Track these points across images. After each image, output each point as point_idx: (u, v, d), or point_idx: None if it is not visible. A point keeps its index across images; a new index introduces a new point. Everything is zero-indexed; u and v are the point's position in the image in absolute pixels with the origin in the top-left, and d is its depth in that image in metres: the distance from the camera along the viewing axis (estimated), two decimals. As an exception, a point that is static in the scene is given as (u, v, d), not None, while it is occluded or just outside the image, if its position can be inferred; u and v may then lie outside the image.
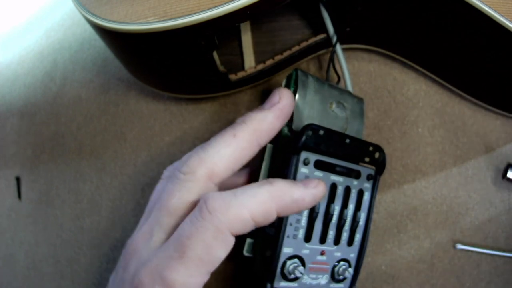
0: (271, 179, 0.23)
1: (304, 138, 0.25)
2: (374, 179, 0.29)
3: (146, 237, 0.23)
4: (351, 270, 0.28)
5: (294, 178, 0.25)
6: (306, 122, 0.28)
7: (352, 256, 0.28)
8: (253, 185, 0.23)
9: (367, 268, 0.34)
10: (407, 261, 0.33)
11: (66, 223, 0.40)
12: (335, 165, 0.27)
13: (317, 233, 0.27)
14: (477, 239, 0.33)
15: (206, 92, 0.36)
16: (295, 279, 0.26)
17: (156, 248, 0.22)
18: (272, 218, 0.22)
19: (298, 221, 0.26)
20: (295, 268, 0.25)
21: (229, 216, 0.21)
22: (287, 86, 0.29)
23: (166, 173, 0.27)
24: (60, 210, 0.41)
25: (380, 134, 0.35)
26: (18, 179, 0.44)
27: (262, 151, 0.28)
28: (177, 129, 0.38)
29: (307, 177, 0.26)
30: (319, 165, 0.26)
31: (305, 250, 0.26)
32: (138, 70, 0.34)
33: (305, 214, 0.26)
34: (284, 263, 0.25)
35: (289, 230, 0.25)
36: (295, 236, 0.26)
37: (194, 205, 0.22)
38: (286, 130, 0.28)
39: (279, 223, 0.25)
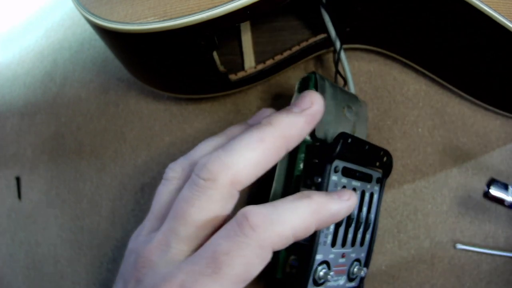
0: (307, 192, 0.22)
1: (339, 147, 0.25)
2: (381, 182, 0.30)
3: (162, 249, 0.21)
4: (365, 269, 0.29)
5: (327, 186, 0.25)
6: (325, 128, 0.28)
7: (363, 255, 0.29)
8: (291, 199, 0.22)
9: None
10: (407, 261, 0.33)
11: (66, 223, 0.40)
12: (356, 171, 0.28)
13: (340, 238, 0.27)
14: (477, 239, 0.33)
15: (206, 92, 0.36)
16: (323, 283, 0.26)
17: (178, 262, 0.20)
18: (310, 232, 0.22)
19: (328, 228, 0.26)
20: (325, 273, 0.26)
21: (272, 234, 0.20)
22: (304, 89, 0.29)
23: (170, 173, 0.25)
24: (60, 210, 0.41)
25: (380, 134, 0.35)
26: (18, 179, 0.44)
27: None
28: (177, 129, 0.38)
29: (336, 184, 0.26)
30: (345, 172, 0.27)
31: (331, 255, 0.26)
32: (138, 70, 0.34)
33: None
34: (315, 269, 0.25)
35: (321, 238, 0.26)
36: (325, 243, 0.26)
37: (217, 214, 0.21)
38: (307, 136, 0.28)
39: (314, 232, 0.25)
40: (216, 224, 0.21)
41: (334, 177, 0.26)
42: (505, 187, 0.28)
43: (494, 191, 0.28)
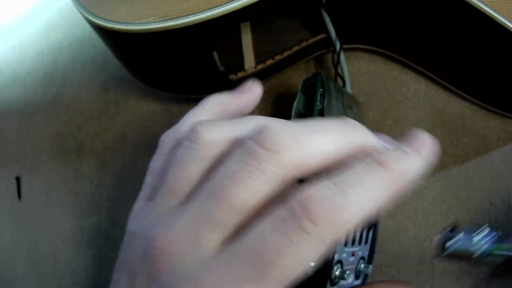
0: (379, 158, 0.16)
1: None
2: None
3: (188, 239, 0.15)
4: (371, 266, 0.29)
5: None
6: None
7: (367, 253, 0.30)
8: (361, 169, 0.16)
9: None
10: (407, 261, 0.33)
11: (66, 223, 0.40)
12: None
13: (351, 236, 0.27)
14: (477, 239, 0.33)
15: (206, 92, 0.36)
16: (337, 282, 0.26)
17: (208, 258, 0.15)
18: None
19: None
20: (341, 272, 0.26)
21: (338, 225, 0.15)
22: (310, 89, 0.29)
23: (207, 133, 0.18)
24: (60, 210, 0.41)
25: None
26: (18, 179, 0.44)
27: None
28: (177, 129, 0.38)
29: None
30: None
31: (344, 254, 0.27)
32: (138, 70, 0.34)
33: None
34: (332, 268, 0.26)
35: None
36: (340, 242, 0.26)
37: (269, 200, 0.16)
38: None
39: None
40: (265, 213, 0.16)
41: None
42: (469, 237, 0.23)
43: (454, 249, 0.23)
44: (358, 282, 0.29)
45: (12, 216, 0.44)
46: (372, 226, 0.29)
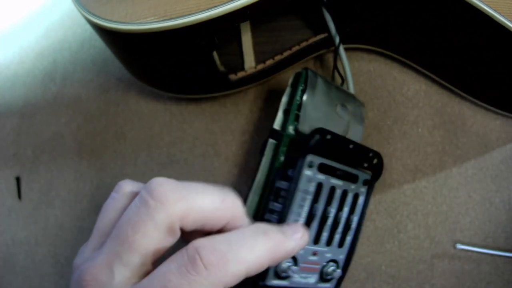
0: (263, 227, 0.22)
1: (313, 141, 0.25)
2: (369, 184, 0.29)
3: (106, 272, 0.19)
4: (339, 271, 0.28)
5: (298, 180, 0.25)
6: (312, 124, 0.28)
7: (341, 257, 0.29)
8: (247, 233, 0.21)
9: (367, 268, 0.34)
10: (407, 261, 0.33)
11: (66, 223, 0.40)
12: (336, 169, 0.27)
13: (312, 234, 0.27)
14: (477, 239, 0.33)
15: (206, 92, 0.36)
16: (287, 277, 0.26)
17: None
18: (263, 269, 0.21)
19: (296, 221, 0.26)
20: (288, 267, 0.25)
21: (227, 273, 0.19)
22: (295, 84, 0.29)
23: (125, 187, 0.23)
24: (60, 210, 0.41)
25: (380, 134, 0.35)
26: (18, 179, 0.44)
27: (263, 146, 0.29)
28: (177, 129, 0.38)
29: (310, 179, 0.26)
30: (322, 168, 0.27)
31: (301, 251, 0.26)
32: (138, 70, 0.34)
33: (304, 215, 0.26)
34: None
35: None
36: None
37: (161, 244, 0.20)
38: (291, 129, 0.28)
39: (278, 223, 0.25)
40: (159, 254, 0.20)
41: (308, 172, 0.26)
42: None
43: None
44: (328, 285, 0.28)
45: (12, 216, 0.44)
46: (348, 230, 0.29)
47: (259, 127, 0.37)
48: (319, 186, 0.27)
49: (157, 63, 0.31)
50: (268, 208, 0.27)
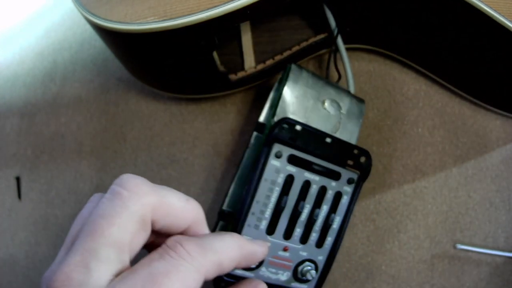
0: (229, 233, 0.23)
1: (276, 130, 0.25)
2: (356, 183, 0.28)
3: (82, 272, 0.18)
4: (314, 272, 0.27)
5: (263, 170, 0.25)
6: (289, 116, 0.28)
7: (321, 258, 0.28)
8: (216, 234, 0.22)
9: (367, 268, 0.34)
10: (407, 261, 0.33)
11: (66, 223, 0.40)
12: (311, 163, 0.27)
13: (281, 228, 0.26)
14: (477, 239, 0.33)
15: (206, 92, 0.36)
16: (252, 269, 0.26)
17: (105, 286, 0.18)
18: (233, 267, 0.22)
19: (262, 212, 0.26)
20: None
21: (207, 260, 0.20)
22: (282, 79, 0.29)
23: (97, 195, 0.23)
24: (60, 210, 0.41)
25: (380, 134, 0.35)
26: (18, 179, 0.44)
27: (248, 139, 0.29)
28: (177, 129, 0.38)
29: (277, 170, 0.26)
30: (293, 160, 0.26)
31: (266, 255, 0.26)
32: (138, 70, 0.34)
33: (271, 206, 0.26)
34: None
35: (250, 219, 0.25)
36: (256, 227, 0.25)
37: (136, 236, 0.20)
38: (272, 122, 0.28)
39: (240, 214, 0.25)
40: (134, 248, 0.20)
41: (274, 162, 0.25)
42: None
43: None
44: (303, 286, 0.27)
45: (12, 216, 0.44)
46: (328, 230, 0.28)
47: (259, 127, 0.37)
48: (290, 178, 0.26)
49: (157, 63, 0.31)
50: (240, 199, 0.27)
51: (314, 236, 0.27)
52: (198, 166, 0.37)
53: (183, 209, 0.21)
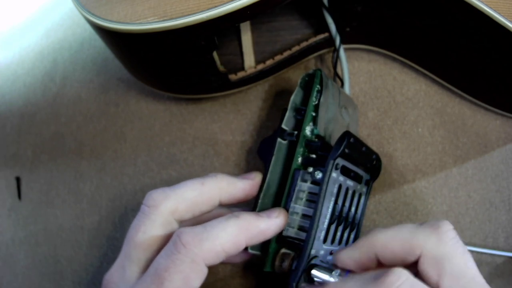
0: (236, 213, 0.24)
1: (344, 145, 0.26)
2: (368, 184, 0.30)
3: (120, 272, 0.24)
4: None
5: (328, 182, 0.26)
6: (325, 125, 0.28)
7: None
8: (221, 219, 0.24)
9: (367, 268, 0.34)
10: (407, 261, 0.33)
11: (66, 223, 0.40)
12: (351, 171, 0.28)
13: (331, 235, 0.27)
14: (477, 239, 0.33)
15: (206, 92, 0.36)
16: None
17: (133, 282, 0.23)
18: (241, 248, 0.24)
19: (323, 223, 0.26)
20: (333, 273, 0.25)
21: (203, 249, 0.22)
22: (308, 84, 0.29)
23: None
24: (60, 210, 0.41)
25: (380, 134, 0.35)
26: (18, 179, 0.44)
27: (261, 146, 0.29)
28: (177, 129, 0.38)
29: (334, 181, 0.26)
30: (342, 170, 0.27)
31: (322, 251, 0.26)
32: (138, 70, 0.34)
33: (328, 217, 0.26)
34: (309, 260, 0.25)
35: (317, 233, 0.26)
36: (318, 238, 0.26)
37: (159, 237, 0.24)
38: (308, 130, 0.28)
39: (311, 227, 0.25)
40: (160, 246, 0.24)
41: (333, 174, 0.26)
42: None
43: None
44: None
45: (12, 216, 0.44)
46: (354, 229, 0.29)
47: (259, 127, 0.37)
48: (339, 187, 0.27)
49: (157, 63, 0.31)
50: (290, 212, 0.27)
51: (345, 236, 0.29)
52: (198, 166, 0.37)
53: (200, 196, 0.25)
